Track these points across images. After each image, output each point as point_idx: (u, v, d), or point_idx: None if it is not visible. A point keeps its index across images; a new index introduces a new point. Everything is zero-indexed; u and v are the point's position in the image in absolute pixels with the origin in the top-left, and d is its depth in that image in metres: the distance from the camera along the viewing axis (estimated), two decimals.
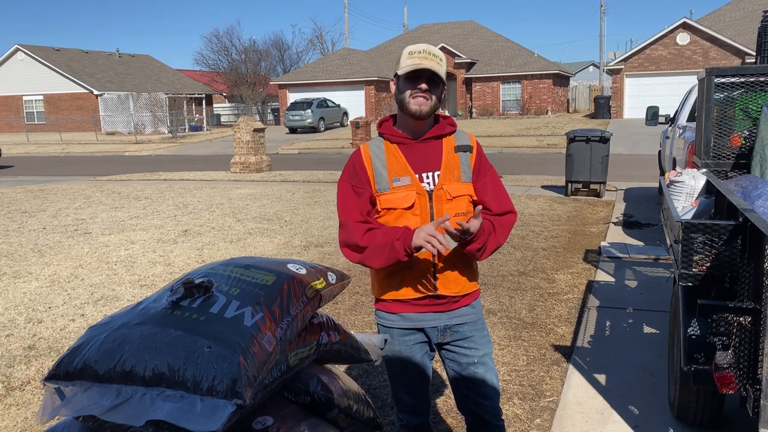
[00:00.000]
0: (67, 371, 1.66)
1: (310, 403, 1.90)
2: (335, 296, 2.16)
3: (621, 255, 6.91)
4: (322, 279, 2.06)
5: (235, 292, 1.82)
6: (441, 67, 2.16)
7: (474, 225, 2.10)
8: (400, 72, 2.18)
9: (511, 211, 2.32)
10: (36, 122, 41.20)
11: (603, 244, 7.40)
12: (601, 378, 3.88)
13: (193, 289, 1.79)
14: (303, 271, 2.02)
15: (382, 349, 2.27)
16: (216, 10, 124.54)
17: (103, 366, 1.62)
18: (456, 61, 37.30)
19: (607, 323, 4.86)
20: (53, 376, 1.68)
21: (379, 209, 2.22)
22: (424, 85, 2.15)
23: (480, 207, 2.13)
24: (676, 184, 4.17)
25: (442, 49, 37.33)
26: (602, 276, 6.19)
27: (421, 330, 2.29)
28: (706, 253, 2.87)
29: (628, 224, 8.52)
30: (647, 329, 4.70)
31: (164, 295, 1.82)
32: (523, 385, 3.85)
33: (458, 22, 43.98)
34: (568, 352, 4.32)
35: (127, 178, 16.07)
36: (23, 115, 41.85)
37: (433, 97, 2.17)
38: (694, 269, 2.89)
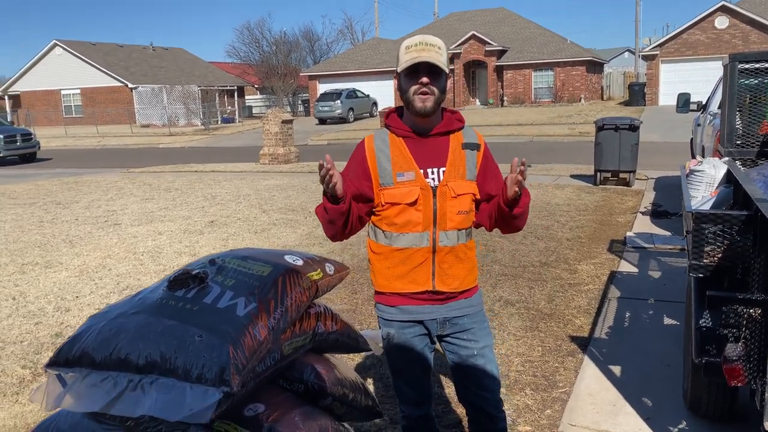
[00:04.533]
0: (66, 358, 1.72)
1: (304, 391, 1.93)
2: (334, 286, 2.18)
3: (646, 245, 6.80)
4: (319, 270, 2.08)
5: (230, 283, 1.86)
6: (440, 56, 2.14)
7: (519, 183, 2.14)
8: (399, 69, 2.18)
9: None
10: (74, 116, 42.24)
11: (628, 234, 7.29)
12: (616, 369, 3.85)
13: (188, 280, 1.84)
14: (300, 263, 2.04)
15: (380, 344, 2.30)
16: (247, 2, 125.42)
17: (100, 354, 1.68)
18: (486, 49, 36.94)
19: (627, 314, 4.80)
20: (54, 363, 1.74)
21: (383, 203, 2.23)
22: (425, 79, 2.13)
23: (518, 159, 2.14)
24: (695, 173, 4.09)
25: (472, 37, 37.02)
26: (626, 266, 6.11)
27: (420, 322, 2.30)
28: (718, 244, 2.81)
29: (657, 214, 8.37)
30: (668, 320, 4.64)
31: (161, 286, 1.87)
32: (536, 376, 3.84)
33: (489, 10, 43.50)
34: (584, 343, 4.29)
35: (160, 169, 16.39)
36: (61, 108, 42.94)
37: (436, 90, 2.16)
38: (705, 260, 2.84)
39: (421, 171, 2.21)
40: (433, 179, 2.21)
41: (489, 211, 2.31)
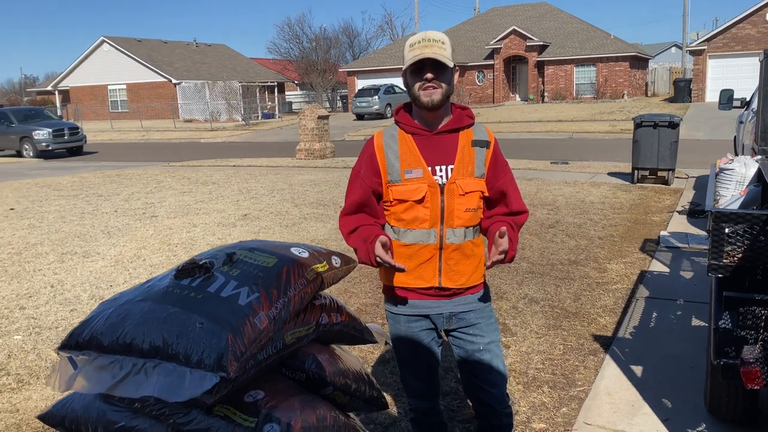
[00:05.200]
0: (77, 342, 1.80)
1: (305, 379, 1.98)
2: (340, 279, 2.22)
3: (680, 245, 6.66)
4: (325, 263, 2.12)
5: (234, 273, 1.91)
6: (444, 51, 2.13)
7: (504, 244, 2.10)
8: (404, 66, 2.19)
9: (524, 210, 2.32)
10: (119, 110, 43.37)
11: (663, 233, 7.14)
12: (638, 369, 3.79)
13: (195, 269, 1.90)
14: (305, 255, 2.09)
15: (387, 343, 2.34)
16: None
17: (108, 338, 1.75)
18: (527, 44, 36.49)
19: (654, 314, 4.72)
20: (65, 345, 1.83)
21: (391, 199, 2.26)
22: (429, 75, 2.14)
23: (504, 230, 2.11)
24: (725, 171, 4.00)
25: (513, 32, 36.61)
26: (657, 266, 5.99)
27: (427, 317, 2.32)
28: (738, 243, 2.75)
29: (694, 213, 8.17)
30: (695, 321, 4.54)
31: (169, 275, 1.94)
32: (555, 374, 3.82)
33: (531, 4, 42.95)
34: (607, 343, 4.24)
35: (199, 164, 16.72)
36: (108, 103, 44.12)
37: (443, 84, 2.16)
38: (725, 260, 2.79)
39: (429, 168, 2.21)
40: (441, 176, 2.22)
41: (487, 226, 2.32)
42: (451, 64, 2.15)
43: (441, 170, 2.22)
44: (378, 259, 2.12)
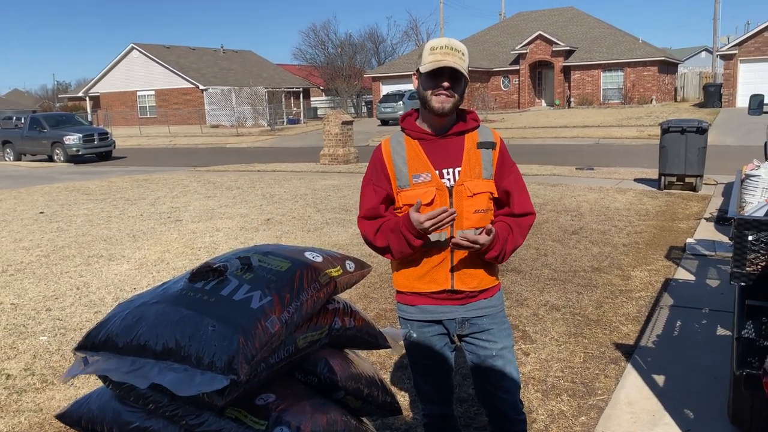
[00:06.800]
0: (93, 343, 1.83)
1: (317, 383, 1.98)
2: (354, 284, 2.22)
3: (707, 252, 6.54)
4: (339, 267, 2.13)
5: (248, 277, 1.93)
6: (463, 62, 2.15)
7: (483, 238, 2.14)
8: (422, 69, 2.19)
9: (530, 212, 2.31)
10: (148, 116, 44.09)
11: (689, 240, 7.02)
12: (660, 379, 3.73)
13: (209, 273, 1.92)
14: (319, 259, 2.09)
15: (400, 342, 2.33)
16: (313, 4, 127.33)
17: (123, 339, 1.78)
18: (553, 49, 36.26)
19: (678, 323, 4.64)
20: (82, 346, 1.86)
21: (400, 205, 2.27)
22: (446, 83, 2.15)
23: (490, 226, 2.16)
24: (751, 178, 3.92)
25: (539, 37, 36.42)
26: (682, 274, 5.89)
27: (440, 322, 2.32)
28: (762, 251, 2.70)
29: (721, 220, 8.01)
30: (721, 331, 4.45)
31: (184, 278, 1.96)
32: (575, 382, 3.77)
33: (557, 9, 42.68)
34: (629, 351, 4.17)
35: (224, 169, 16.91)
36: (137, 109, 44.89)
37: (456, 94, 2.17)
38: (747, 268, 2.73)
39: (437, 172, 2.22)
40: (448, 179, 2.23)
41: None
42: (467, 77, 2.18)
43: (449, 173, 2.23)
44: (424, 224, 2.09)
